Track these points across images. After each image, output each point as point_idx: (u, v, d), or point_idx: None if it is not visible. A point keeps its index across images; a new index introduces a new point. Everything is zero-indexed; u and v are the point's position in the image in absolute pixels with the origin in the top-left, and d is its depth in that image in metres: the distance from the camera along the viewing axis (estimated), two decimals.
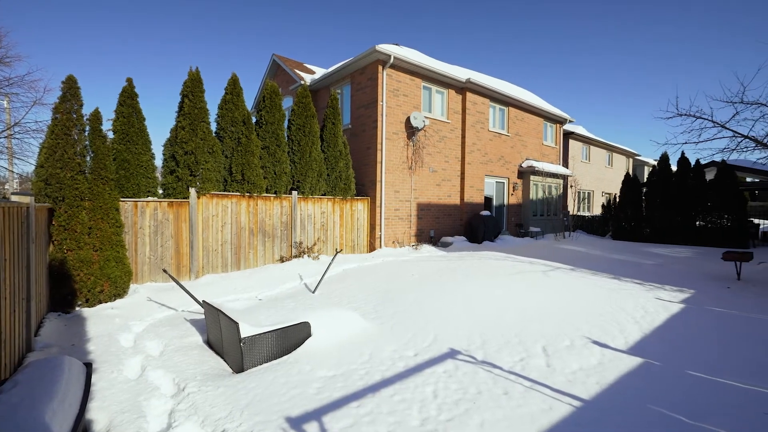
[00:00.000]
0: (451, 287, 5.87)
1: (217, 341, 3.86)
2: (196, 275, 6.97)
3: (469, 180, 12.22)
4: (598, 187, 21.50)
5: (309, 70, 13.94)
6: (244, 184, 7.57)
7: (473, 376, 3.16)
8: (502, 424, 2.50)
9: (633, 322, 4.46)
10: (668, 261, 9.10)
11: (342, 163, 9.27)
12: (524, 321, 4.44)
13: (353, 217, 9.69)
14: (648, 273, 7.42)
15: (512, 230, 13.99)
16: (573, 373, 3.22)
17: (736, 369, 3.27)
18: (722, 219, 12.47)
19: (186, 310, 5.30)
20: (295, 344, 3.72)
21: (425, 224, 11.23)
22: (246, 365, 3.36)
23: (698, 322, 4.50)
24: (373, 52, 9.62)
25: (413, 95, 10.80)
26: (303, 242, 8.57)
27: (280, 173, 8.14)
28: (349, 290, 6.09)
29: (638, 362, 3.41)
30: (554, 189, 15.71)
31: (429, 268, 7.50)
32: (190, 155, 6.83)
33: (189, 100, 6.87)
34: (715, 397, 2.82)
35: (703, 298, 5.56)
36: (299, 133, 8.53)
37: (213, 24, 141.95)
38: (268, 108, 8.07)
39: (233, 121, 7.51)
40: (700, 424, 2.46)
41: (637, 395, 2.84)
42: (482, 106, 12.62)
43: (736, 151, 9.61)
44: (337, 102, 9.42)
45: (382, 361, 3.48)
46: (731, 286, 6.37)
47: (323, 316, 4.11)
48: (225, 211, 7.43)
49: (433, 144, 11.33)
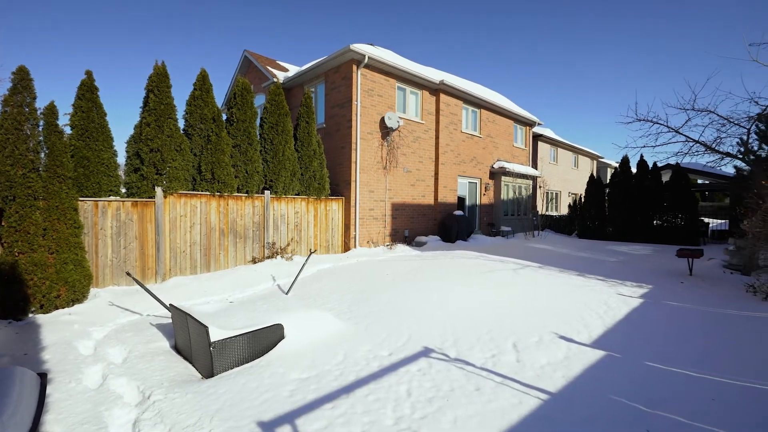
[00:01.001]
0: (425, 286, 5.94)
1: (185, 346, 3.73)
2: (163, 278, 6.70)
3: (442, 180, 12.40)
4: (565, 187, 22.38)
5: (282, 68, 13.70)
6: (214, 184, 7.34)
7: (446, 374, 3.22)
8: (474, 419, 2.56)
9: (596, 317, 4.68)
10: (629, 258, 9.61)
11: (316, 163, 9.17)
12: (496, 318, 4.56)
13: (328, 217, 9.61)
14: (611, 270, 7.80)
15: (484, 229, 14.33)
16: (541, 367, 3.35)
17: (687, 358, 3.50)
18: (677, 218, 13.31)
19: (152, 314, 5.08)
20: (268, 347, 3.65)
21: (400, 224, 11.30)
22: (216, 370, 3.26)
23: (655, 315, 4.78)
24: (348, 51, 9.58)
25: (388, 95, 10.83)
26: (276, 243, 8.42)
27: (252, 172, 7.95)
28: (323, 291, 6.04)
29: (601, 355, 3.58)
30: (524, 189, 16.21)
31: (403, 267, 7.55)
32: (156, 153, 6.55)
33: (155, 95, 6.59)
34: (668, 385, 3.01)
35: (660, 292, 5.91)
36: (272, 131, 8.37)
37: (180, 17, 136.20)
38: (239, 105, 7.86)
39: (202, 118, 7.27)
40: (656, 412, 2.61)
41: (599, 387, 2.99)
42: (455, 107, 12.84)
43: (688, 155, 10.26)
44: (311, 101, 9.31)
45: (356, 361, 3.48)
46: (684, 281, 6.81)
47: (297, 318, 4.06)
48: (194, 211, 7.18)
49: (407, 144, 11.41)
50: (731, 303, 5.35)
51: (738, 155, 9.63)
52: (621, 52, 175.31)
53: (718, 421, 2.48)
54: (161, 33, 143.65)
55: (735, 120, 9.52)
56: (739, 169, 11.63)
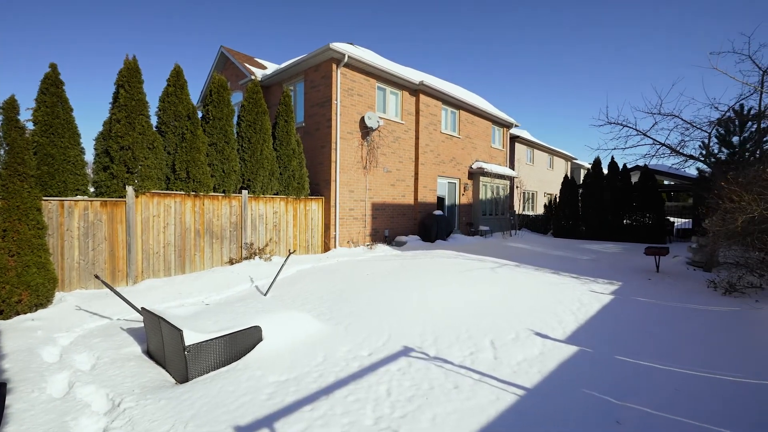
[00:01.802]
0: (405, 286, 5.97)
1: (158, 351, 3.61)
2: (135, 280, 6.46)
3: (422, 180, 12.50)
4: (540, 188, 22.98)
5: (260, 65, 13.46)
6: (189, 183, 7.13)
7: (426, 372, 3.25)
8: (452, 417, 2.60)
9: (570, 313, 4.83)
10: (601, 256, 9.97)
11: (295, 162, 9.06)
12: (474, 316, 4.64)
13: (307, 217, 9.51)
14: (583, 268, 8.08)
15: (463, 229, 14.53)
16: (518, 363, 3.43)
17: (654, 351, 3.67)
18: (645, 218, 13.91)
19: (123, 318, 4.89)
20: (246, 350, 3.58)
21: (380, 224, 11.31)
22: (191, 374, 3.17)
23: (624, 311, 4.99)
24: (327, 50, 9.51)
25: (368, 95, 10.82)
26: (254, 243, 8.26)
27: (229, 171, 7.77)
28: (302, 292, 5.97)
29: (574, 350, 3.70)
30: (502, 189, 16.55)
31: (383, 267, 7.57)
32: (126, 150, 6.30)
33: (125, 90, 6.33)
34: (636, 378, 3.14)
35: (629, 289, 6.16)
36: (250, 129, 8.21)
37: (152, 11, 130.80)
38: (215, 103, 7.67)
39: (177, 116, 7.05)
40: (625, 404, 2.73)
41: (573, 381, 3.09)
42: (435, 108, 12.97)
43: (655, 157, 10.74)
44: (289, 99, 9.19)
45: (336, 362, 3.46)
46: (651, 277, 7.13)
47: (275, 319, 4.00)
48: (168, 211, 6.95)
49: (387, 144, 11.44)
50: (694, 298, 5.64)
51: (700, 158, 10.16)
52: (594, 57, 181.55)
53: (681, 411, 2.61)
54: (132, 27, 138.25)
55: (697, 124, 10.04)
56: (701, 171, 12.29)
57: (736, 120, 9.86)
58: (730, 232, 6.30)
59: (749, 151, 9.43)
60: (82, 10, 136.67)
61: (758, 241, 5.94)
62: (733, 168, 8.68)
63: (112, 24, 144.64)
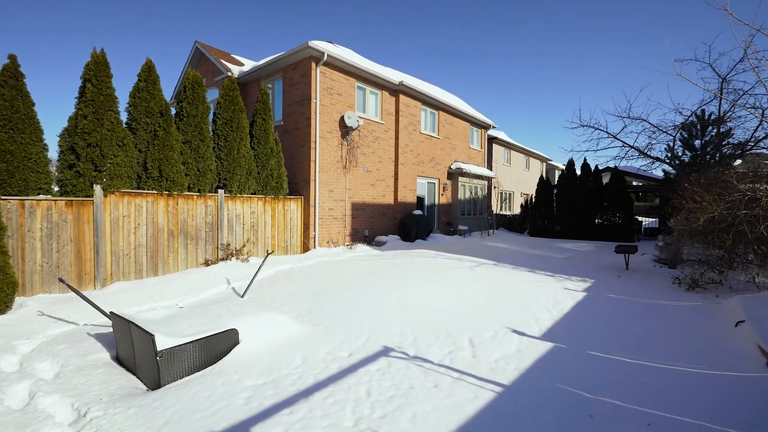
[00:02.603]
0: (385, 286, 5.98)
1: (128, 356, 3.47)
2: (104, 284, 6.18)
3: (402, 180, 12.55)
4: (517, 188, 23.52)
5: (237, 62, 13.15)
6: (162, 182, 6.89)
7: (406, 372, 3.26)
8: (432, 415, 2.62)
9: (546, 310, 4.96)
10: (574, 255, 10.30)
11: (273, 161, 8.90)
12: (453, 315, 4.69)
13: (286, 217, 9.37)
14: (558, 266, 8.32)
15: (443, 229, 14.69)
16: (496, 361, 3.49)
17: (624, 346, 3.82)
18: (615, 217, 14.48)
19: (90, 323, 4.67)
20: (222, 353, 3.49)
21: (360, 224, 11.28)
22: (163, 380, 3.06)
23: (596, 307, 5.17)
24: (306, 48, 9.40)
25: (347, 94, 10.77)
26: (231, 244, 8.07)
27: (205, 170, 7.55)
28: (281, 293, 5.88)
29: (549, 347, 3.80)
30: (480, 190, 16.83)
31: (363, 267, 7.55)
32: (94, 148, 6.02)
33: (93, 85, 6.05)
34: (608, 372, 3.26)
35: (601, 286, 6.39)
36: (226, 127, 8.01)
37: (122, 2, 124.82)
38: (190, 99, 7.43)
39: (148, 112, 6.79)
40: (597, 397, 2.82)
41: (548, 377, 3.17)
42: (414, 108, 13.04)
43: (624, 159, 11.18)
44: (267, 97, 9.03)
45: (315, 364, 3.42)
46: (621, 275, 7.42)
47: (253, 322, 3.91)
48: (139, 211, 6.69)
49: (367, 144, 11.42)
50: (660, 294, 5.91)
51: (666, 160, 10.66)
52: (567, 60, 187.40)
53: (649, 403, 2.72)
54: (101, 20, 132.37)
55: (663, 128, 10.53)
56: (667, 173, 12.89)
57: (698, 124, 10.39)
58: (693, 231, 6.64)
59: (710, 154, 9.97)
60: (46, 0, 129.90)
61: (718, 239, 6.28)
62: (696, 170, 9.15)
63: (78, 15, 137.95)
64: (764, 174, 6.69)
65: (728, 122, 9.72)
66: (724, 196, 6.13)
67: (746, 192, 5.98)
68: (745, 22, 5.49)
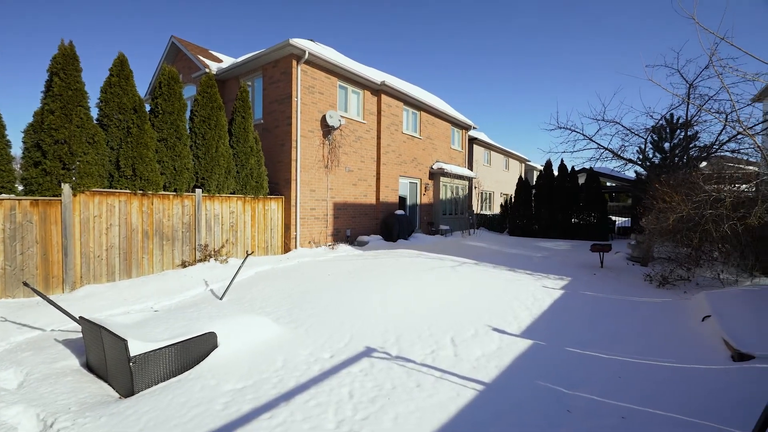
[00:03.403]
0: (367, 286, 5.96)
1: (99, 363, 3.33)
2: (73, 287, 5.91)
3: (384, 180, 12.55)
4: (497, 188, 23.93)
5: (215, 58, 12.84)
6: (136, 181, 6.64)
7: (388, 372, 3.25)
8: (414, 415, 2.62)
9: (525, 308, 5.06)
10: (552, 253, 10.56)
11: (253, 160, 8.74)
12: (435, 314, 4.72)
13: (266, 217, 9.21)
14: (537, 264, 8.51)
15: (424, 228, 14.78)
16: (477, 359, 3.53)
17: (599, 342, 3.94)
18: (590, 216, 14.93)
19: (58, 329, 4.46)
20: (199, 358, 3.39)
21: (342, 224, 11.22)
22: (137, 387, 2.95)
23: (573, 304, 5.31)
24: (287, 45, 9.26)
25: (329, 93, 10.68)
26: (209, 245, 7.87)
27: (181, 169, 7.33)
28: (261, 294, 5.78)
29: (529, 344, 3.88)
30: (461, 190, 17.03)
31: (345, 267, 7.51)
32: (62, 145, 5.75)
33: (60, 78, 5.78)
34: (585, 367, 3.35)
35: (577, 284, 6.57)
36: (204, 125, 7.80)
37: None
38: (165, 96, 7.20)
39: (121, 108, 6.53)
40: (575, 393, 2.89)
41: (528, 374, 3.23)
42: (396, 108, 13.07)
43: (599, 160, 11.54)
44: (247, 95, 8.85)
45: (296, 366, 3.37)
46: (597, 272, 7.66)
47: (232, 324, 3.82)
48: (111, 211, 6.43)
49: (349, 144, 11.36)
50: (633, 290, 6.13)
51: (637, 162, 11.07)
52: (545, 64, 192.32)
53: (622, 397, 2.81)
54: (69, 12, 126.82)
55: (635, 131, 10.93)
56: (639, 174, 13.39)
57: (667, 128, 10.84)
58: (663, 230, 6.92)
59: (678, 157, 10.41)
60: None
61: (686, 238, 6.57)
62: (665, 171, 9.54)
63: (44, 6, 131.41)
64: (728, 176, 7.05)
65: (695, 126, 10.18)
66: (692, 196, 6.41)
67: (711, 193, 6.28)
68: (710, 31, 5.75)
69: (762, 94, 10.35)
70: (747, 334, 3.55)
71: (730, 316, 4.03)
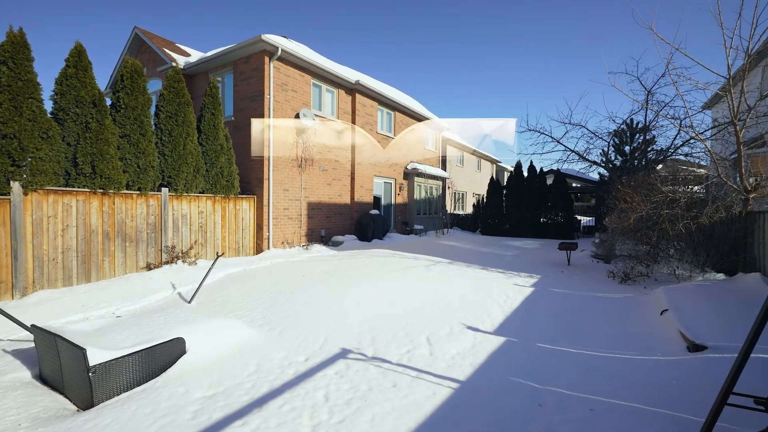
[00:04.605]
0: (342, 286, 5.91)
1: (54, 374, 3.10)
2: (24, 293, 5.49)
3: (359, 180, 12.50)
4: (470, 188, 24.41)
5: (182, 52, 12.33)
6: (95, 179, 6.27)
7: (364, 374, 3.23)
8: (391, 416, 2.62)
9: (498, 306, 5.18)
10: (522, 252, 10.88)
11: (224, 158, 8.46)
12: (410, 314, 4.74)
13: (237, 217, 8.95)
14: (508, 263, 8.74)
15: (399, 228, 14.85)
16: (452, 358, 3.57)
17: (568, 337, 4.09)
18: (558, 216, 15.53)
19: (7, 338, 4.12)
20: (166, 365, 3.23)
21: (316, 224, 11.07)
22: (97, 399, 2.77)
23: (543, 301, 5.49)
24: (259, 41, 9.03)
25: (303, 92, 10.51)
26: (176, 246, 7.54)
27: (146, 167, 6.99)
28: (232, 297, 5.60)
29: (502, 341, 3.97)
30: (435, 190, 17.24)
31: (320, 268, 7.41)
32: (11, 140, 5.33)
33: (9, 68, 5.35)
34: (555, 362, 3.47)
35: (546, 281, 6.80)
36: (170, 121, 7.46)
37: None
38: (128, 90, 6.83)
39: (79, 101, 6.14)
40: (546, 387, 2.98)
41: (501, 370, 3.31)
42: (371, 108, 13.05)
43: (566, 162, 12.00)
44: (217, 91, 8.55)
45: (270, 370, 3.29)
46: (564, 270, 7.95)
47: (201, 329, 3.68)
48: (68, 211, 6.03)
49: None
50: (598, 287, 6.41)
51: (601, 163, 11.60)
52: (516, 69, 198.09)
53: (590, 389, 2.93)
54: None
55: (599, 134, 11.45)
56: (602, 175, 14.06)
57: (627, 132, 11.45)
58: (625, 229, 7.29)
59: (637, 159, 11.02)
60: None
61: (645, 236, 6.95)
62: (626, 173, 10.06)
63: None
64: (681, 178, 7.52)
65: (653, 130, 10.81)
66: (651, 197, 6.80)
67: (668, 194, 6.68)
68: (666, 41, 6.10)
69: (711, 101, 11.12)
70: (700, 326, 3.79)
71: (686, 310, 4.30)
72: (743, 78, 5.60)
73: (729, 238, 5.95)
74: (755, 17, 5.17)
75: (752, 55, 5.47)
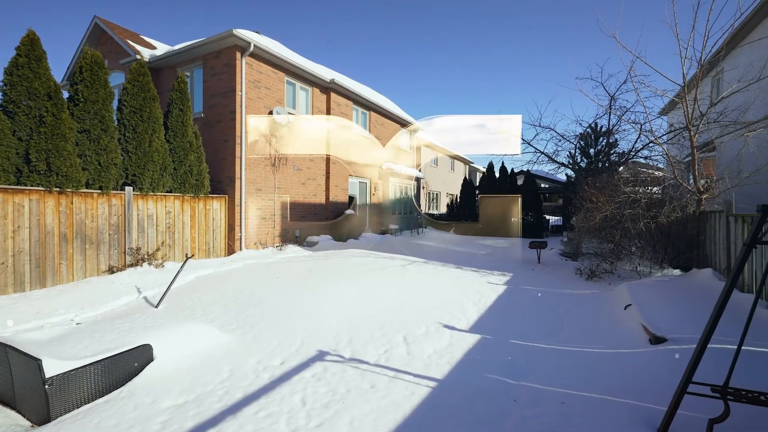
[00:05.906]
0: (317, 287, 5.83)
1: (5, 388, 2.88)
2: None
3: (334, 179, 12.39)
4: (444, 188, 24.77)
5: (148, 44, 11.77)
6: (51, 177, 5.86)
7: (342, 376, 3.20)
8: (369, 417, 2.60)
9: (472, 304, 5.28)
10: (495, 251, 11.15)
11: (193, 156, 8.14)
12: (387, 313, 4.74)
13: (208, 218, 8.64)
14: (481, 261, 8.93)
15: (374, 228, 14.84)
16: (429, 357, 3.60)
17: (540, 333, 4.22)
18: (528, 216, 16.02)
19: None
20: (132, 373, 3.07)
21: (290, 224, 10.88)
22: (54, 413, 2.59)
23: (516, 298, 5.64)
24: (230, 35, 8.75)
25: (276, 89, 10.29)
26: (142, 248, 7.18)
27: (108, 164, 6.61)
28: (203, 300, 5.40)
29: (477, 339, 4.05)
30: (410, 190, 17.37)
31: (295, 269, 7.29)
32: None
33: None
34: (528, 358, 3.57)
35: (518, 279, 6.99)
36: (135, 117, 7.10)
37: None
38: (88, 82, 6.43)
39: (32, 94, 5.72)
40: (520, 383, 3.06)
41: (477, 367, 3.36)
42: (346, 108, 12.96)
43: (536, 163, 12.40)
44: (185, 86, 8.22)
45: (244, 375, 3.19)
46: (534, 268, 8.22)
47: (170, 335, 3.52)
48: (19, 211, 5.61)
49: None
50: (566, 284, 6.66)
51: (568, 165, 12.08)
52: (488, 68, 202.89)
53: (561, 383, 3.04)
54: None
55: (567, 137, 11.91)
56: (569, 176, 14.64)
57: (592, 135, 11.98)
58: (590, 228, 7.62)
59: (601, 161, 11.56)
60: None
61: (609, 235, 7.29)
62: (591, 174, 10.53)
63: None
64: (641, 179, 7.95)
65: (615, 134, 11.37)
66: (614, 197, 7.13)
67: (630, 194, 7.04)
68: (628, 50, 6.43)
69: (668, 108, 11.83)
70: (661, 319, 4.02)
71: (647, 305, 4.54)
72: (696, 86, 5.99)
73: (684, 236, 6.34)
74: (707, 30, 5.54)
75: (704, 65, 5.86)
